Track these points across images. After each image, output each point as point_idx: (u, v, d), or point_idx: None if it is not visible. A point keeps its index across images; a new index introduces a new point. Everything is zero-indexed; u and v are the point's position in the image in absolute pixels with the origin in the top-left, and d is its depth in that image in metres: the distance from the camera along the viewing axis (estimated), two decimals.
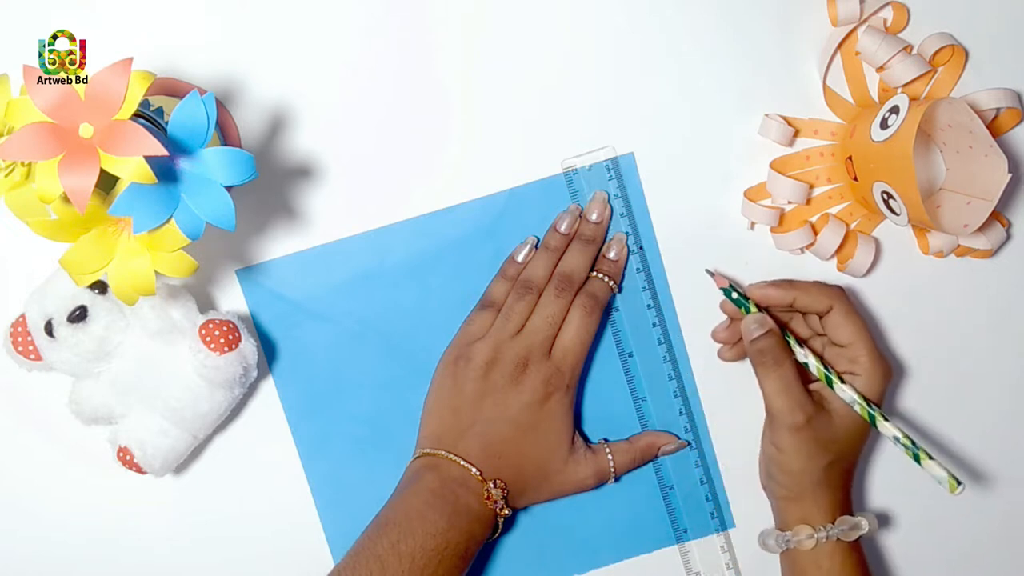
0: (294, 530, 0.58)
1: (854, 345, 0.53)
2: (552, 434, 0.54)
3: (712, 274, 0.56)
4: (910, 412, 0.59)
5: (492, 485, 0.52)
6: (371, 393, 0.57)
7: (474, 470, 0.52)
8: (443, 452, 0.53)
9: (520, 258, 0.57)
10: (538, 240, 0.57)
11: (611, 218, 0.57)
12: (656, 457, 0.57)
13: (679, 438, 0.57)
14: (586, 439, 0.57)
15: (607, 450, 0.56)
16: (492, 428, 0.53)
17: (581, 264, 0.56)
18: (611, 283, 0.56)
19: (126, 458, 0.53)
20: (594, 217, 0.57)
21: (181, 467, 0.57)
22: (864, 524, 0.53)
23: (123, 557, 0.58)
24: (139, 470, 0.53)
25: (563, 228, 0.56)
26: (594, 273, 0.56)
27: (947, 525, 0.60)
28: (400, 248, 0.57)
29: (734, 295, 0.55)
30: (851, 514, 0.54)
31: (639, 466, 0.57)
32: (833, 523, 0.53)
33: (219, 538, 0.58)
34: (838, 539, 0.53)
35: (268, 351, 0.57)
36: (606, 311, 0.57)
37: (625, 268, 0.57)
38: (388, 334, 0.57)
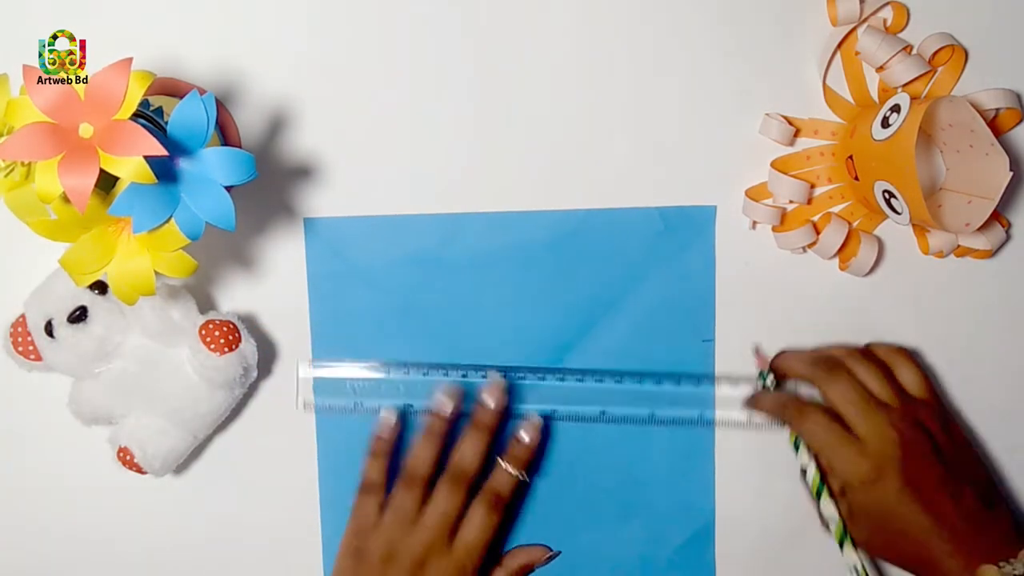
0: (294, 530, 0.58)
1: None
2: None
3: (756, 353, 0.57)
4: None
5: None
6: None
7: None
8: None
9: (385, 435, 0.54)
10: (403, 408, 0.55)
11: (508, 405, 0.55)
12: (532, 571, 0.56)
13: (551, 549, 0.56)
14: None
15: None
16: None
17: (478, 454, 0.53)
18: (519, 475, 0.53)
19: (126, 458, 0.53)
20: (491, 404, 0.54)
21: (181, 467, 0.57)
22: None
23: (123, 557, 0.58)
24: (139, 470, 0.53)
25: (445, 412, 0.53)
26: (500, 460, 0.53)
27: None
28: (468, 239, 0.56)
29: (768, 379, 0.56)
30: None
31: None
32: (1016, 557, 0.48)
33: (219, 538, 0.58)
34: None
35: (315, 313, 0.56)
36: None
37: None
38: (430, 320, 0.56)
